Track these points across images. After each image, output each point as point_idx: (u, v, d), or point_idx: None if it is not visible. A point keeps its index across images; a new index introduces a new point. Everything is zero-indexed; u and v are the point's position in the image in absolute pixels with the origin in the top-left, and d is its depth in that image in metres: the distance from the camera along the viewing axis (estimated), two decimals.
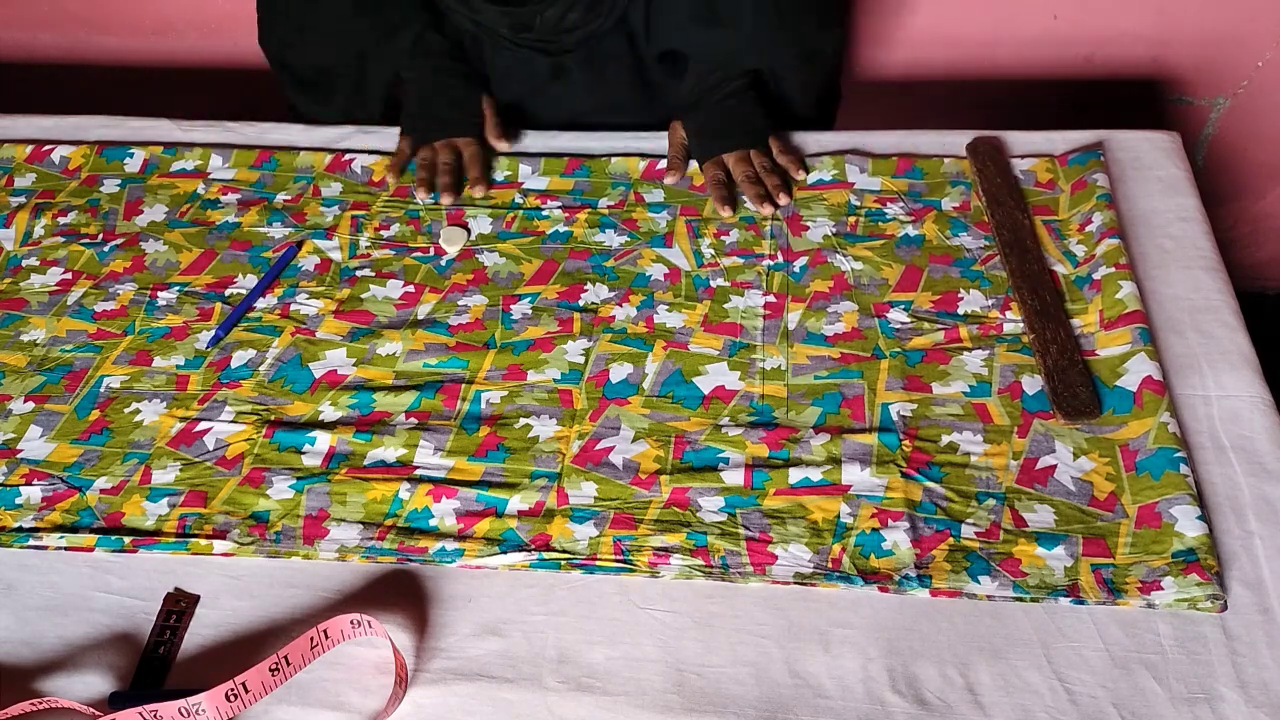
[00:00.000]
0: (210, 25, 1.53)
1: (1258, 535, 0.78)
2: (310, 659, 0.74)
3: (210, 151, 1.15)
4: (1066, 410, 0.85)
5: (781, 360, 0.92)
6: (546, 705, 0.72)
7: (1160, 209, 1.02)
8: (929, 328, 0.93)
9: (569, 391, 0.91)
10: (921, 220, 1.03)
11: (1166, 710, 0.70)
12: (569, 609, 0.77)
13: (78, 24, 1.55)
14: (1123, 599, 0.75)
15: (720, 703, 0.72)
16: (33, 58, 1.59)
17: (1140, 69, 1.46)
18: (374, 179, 1.12)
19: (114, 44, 1.56)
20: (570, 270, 1.01)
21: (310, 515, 0.83)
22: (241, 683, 0.70)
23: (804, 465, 0.83)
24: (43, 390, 0.94)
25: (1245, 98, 1.48)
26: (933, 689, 0.72)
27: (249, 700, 0.71)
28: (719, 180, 1.07)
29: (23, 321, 1.00)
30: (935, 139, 1.11)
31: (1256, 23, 1.39)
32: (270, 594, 0.79)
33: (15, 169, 1.16)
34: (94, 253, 1.06)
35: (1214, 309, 0.93)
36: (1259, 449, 0.83)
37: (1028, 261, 0.96)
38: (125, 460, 0.88)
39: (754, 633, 0.75)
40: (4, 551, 0.83)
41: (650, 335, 0.95)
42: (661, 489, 0.83)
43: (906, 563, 0.77)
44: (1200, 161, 1.55)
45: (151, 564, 0.81)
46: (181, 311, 1.00)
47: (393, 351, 0.95)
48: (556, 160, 1.12)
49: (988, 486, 0.81)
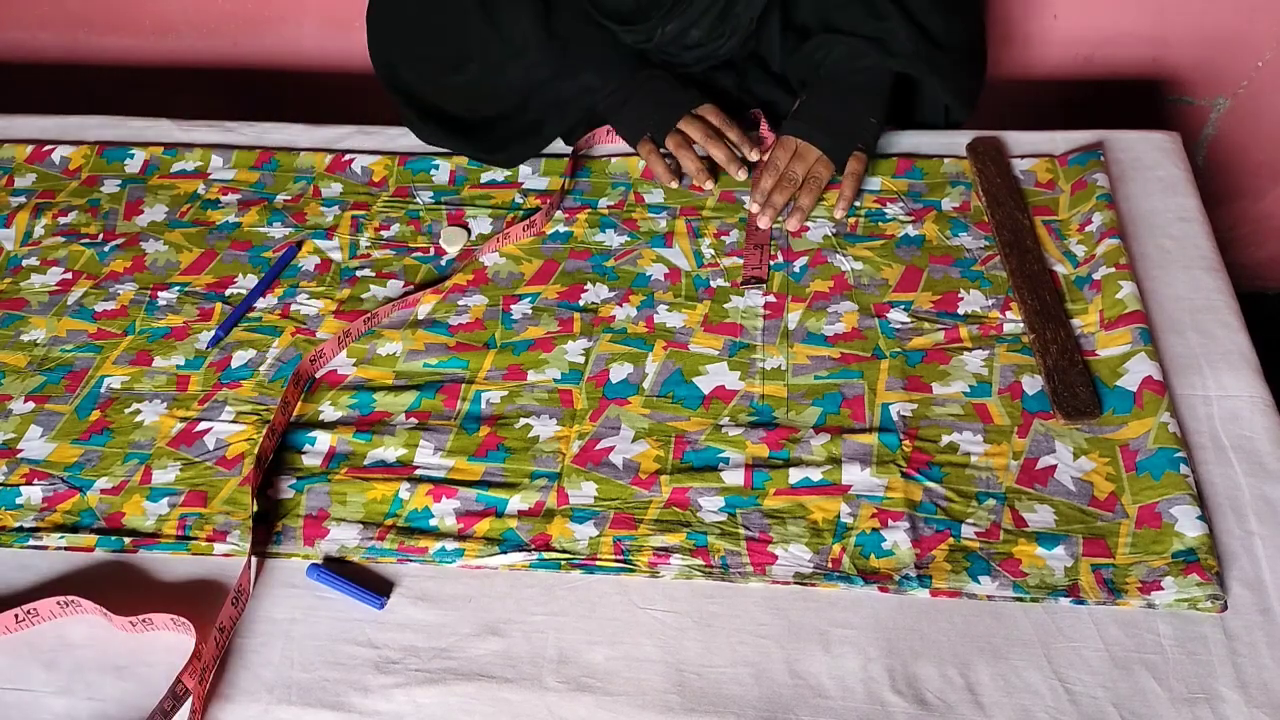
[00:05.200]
0: (210, 25, 1.53)
1: (1258, 535, 0.78)
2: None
3: (210, 152, 1.15)
4: (1066, 410, 0.85)
5: (781, 360, 0.92)
6: (546, 705, 0.72)
7: (1160, 209, 1.02)
8: (929, 328, 0.93)
9: (569, 391, 0.91)
10: (921, 220, 1.03)
11: (1166, 710, 0.70)
12: (569, 609, 0.77)
13: (78, 24, 1.55)
14: (1123, 599, 0.75)
15: (720, 703, 0.72)
16: (33, 58, 1.60)
17: (1140, 69, 1.46)
18: (374, 179, 1.12)
19: (114, 44, 1.56)
20: (570, 270, 1.01)
21: (310, 515, 0.83)
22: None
23: (804, 465, 0.83)
24: (43, 390, 0.94)
25: (1245, 98, 1.48)
26: (933, 689, 0.72)
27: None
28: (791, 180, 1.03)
29: (23, 321, 1.00)
30: (935, 139, 1.11)
31: (1256, 23, 1.39)
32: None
33: (15, 169, 1.16)
34: (94, 253, 1.06)
35: (1214, 309, 0.93)
36: (1259, 449, 0.83)
37: (1028, 261, 0.96)
38: (126, 460, 0.88)
39: (754, 633, 0.75)
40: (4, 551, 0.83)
41: (650, 335, 0.95)
42: (661, 489, 0.83)
43: (906, 563, 0.77)
44: (1200, 161, 1.55)
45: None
46: (181, 311, 1.00)
47: (393, 351, 0.95)
48: (556, 160, 1.12)
49: (988, 486, 0.81)
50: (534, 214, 1.05)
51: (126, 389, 0.93)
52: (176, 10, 1.52)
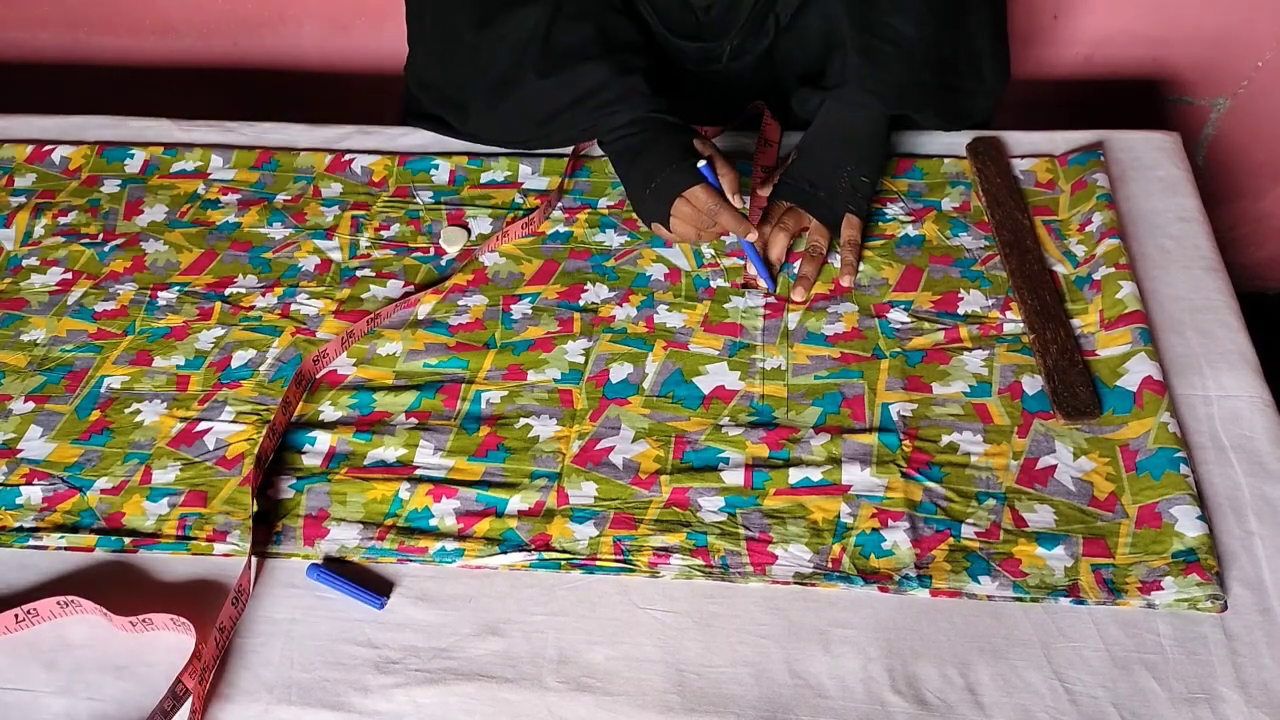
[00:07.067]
0: (210, 25, 1.53)
1: (1258, 535, 0.78)
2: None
3: (210, 152, 1.15)
4: (1066, 410, 0.85)
5: (781, 360, 0.92)
6: (546, 705, 0.72)
7: (1160, 209, 1.02)
8: (929, 328, 0.93)
9: (569, 391, 0.91)
10: (921, 220, 1.03)
11: (1166, 710, 0.70)
12: (569, 609, 0.77)
13: (78, 24, 1.55)
14: (1123, 599, 0.75)
15: (720, 703, 0.72)
16: (33, 58, 1.60)
17: (1140, 69, 1.46)
18: (374, 179, 1.12)
19: (114, 44, 1.57)
20: (570, 270, 1.01)
21: (310, 515, 0.83)
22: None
23: (804, 465, 0.83)
24: (43, 390, 0.94)
25: (1245, 98, 1.48)
26: (933, 689, 0.72)
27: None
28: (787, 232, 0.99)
29: (23, 321, 1.00)
30: (935, 139, 1.11)
31: (1256, 23, 1.39)
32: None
33: (15, 169, 1.16)
34: (94, 253, 1.06)
35: (1214, 309, 0.93)
36: (1259, 449, 0.83)
37: (1028, 261, 0.96)
38: (126, 460, 0.88)
39: (754, 633, 0.75)
40: (4, 552, 0.83)
41: (650, 335, 0.95)
42: (661, 489, 0.83)
43: (906, 563, 0.77)
44: (1200, 161, 1.55)
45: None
46: (181, 311, 1.00)
47: (393, 351, 0.95)
48: (556, 160, 1.12)
49: (988, 486, 0.81)
50: (533, 213, 1.05)
51: (126, 389, 0.93)
52: (176, 10, 1.52)
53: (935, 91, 1.03)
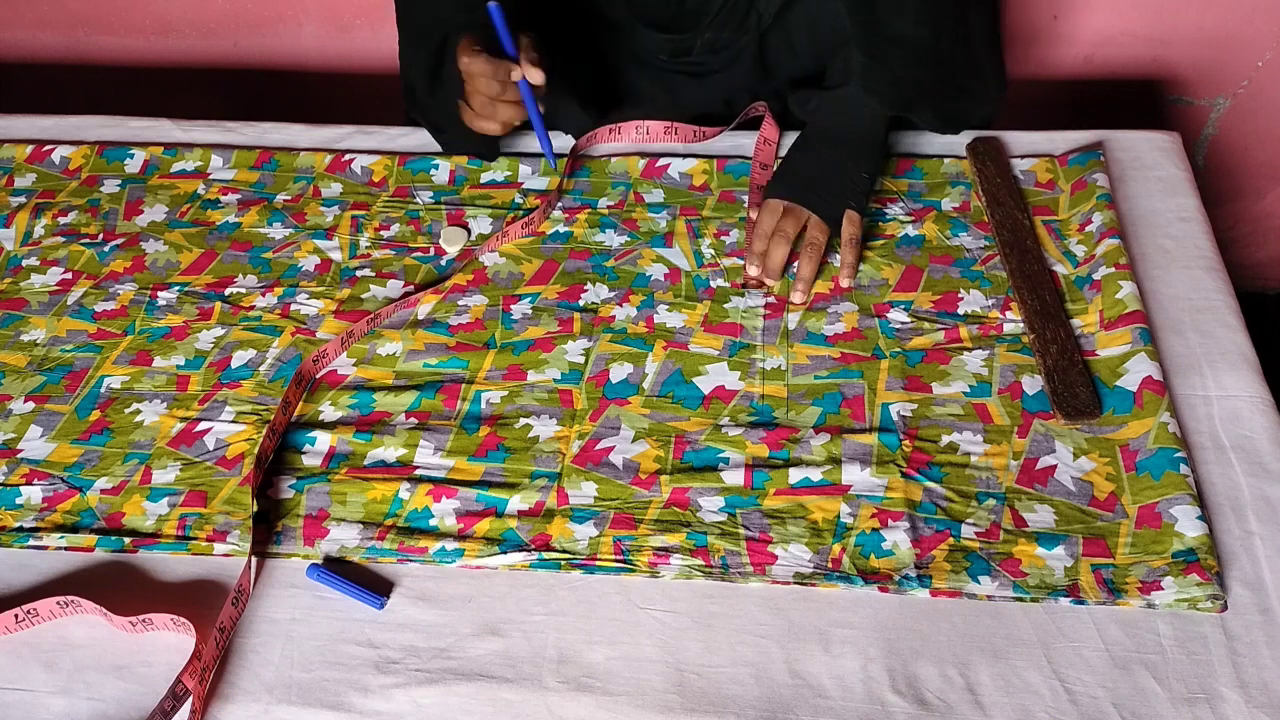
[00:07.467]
0: (210, 25, 1.53)
1: (1258, 535, 0.78)
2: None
3: (210, 152, 1.15)
4: (1066, 410, 0.85)
5: (781, 360, 0.92)
6: (546, 705, 0.72)
7: (1160, 209, 1.02)
8: (929, 328, 0.93)
9: (569, 391, 0.91)
10: (921, 220, 1.03)
11: (1166, 710, 0.70)
12: (569, 609, 0.77)
13: (78, 24, 1.55)
14: (1123, 599, 0.75)
15: (720, 703, 0.72)
16: (33, 58, 1.60)
17: (1140, 69, 1.46)
18: (374, 179, 1.12)
19: (114, 44, 1.57)
20: (570, 270, 1.01)
21: (310, 515, 0.83)
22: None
23: (804, 465, 0.83)
24: (43, 390, 0.94)
25: (1245, 98, 1.48)
26: (933, 689, 0.72)
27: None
28: (784, 238, 0.97)
29: (23, 321, 1.00)
30: (935, 139, 1.11)
31: (1256, 23, 1.39)
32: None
33: (15, 169, 1.16)
34: (94, 253, 1.06)
35: (1214, 309, 0.93)
36: (1259, 449, 0.83)
37: (1028, 261, 0.96)
38: (126, 460, 0.88)
39: (754, 633, 0.75)
40: (4, 552, 0.83)
41: (650, 335, 0.95)
42: (661, 489, 0.83)
43: (906, 563, 0.77)
44: (1200, 161, 1.55)
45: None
46: (181, 311, 1.00)
47: (393, 351, 0.95)
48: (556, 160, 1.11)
49: (988, 486, 0.81)
50: (533, 213, 1.05)
51: (126, 389, 0.93)
52: (176, 10, 1.52)
53: (936, 93, 1.03)
